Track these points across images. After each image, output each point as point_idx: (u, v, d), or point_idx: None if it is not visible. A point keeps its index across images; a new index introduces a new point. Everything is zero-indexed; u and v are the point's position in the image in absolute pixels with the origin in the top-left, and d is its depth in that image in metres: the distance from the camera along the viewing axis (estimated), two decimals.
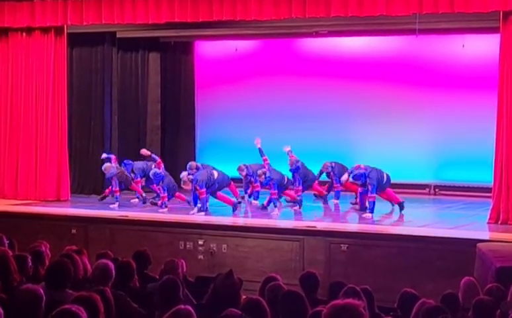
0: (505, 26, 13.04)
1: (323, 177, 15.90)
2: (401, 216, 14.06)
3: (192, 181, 14.07)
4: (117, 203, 14.82)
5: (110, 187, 15.33)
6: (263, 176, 14.38)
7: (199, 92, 19.33)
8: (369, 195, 13.75)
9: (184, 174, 14.40)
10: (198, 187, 13.90)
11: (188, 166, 14.80)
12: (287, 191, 15.04)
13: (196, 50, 19.37)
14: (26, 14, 15.66)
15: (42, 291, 5.62)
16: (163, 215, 13.92)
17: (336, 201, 15.48)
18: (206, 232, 12.71)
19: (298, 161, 15.04)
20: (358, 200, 14.60)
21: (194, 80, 19.31)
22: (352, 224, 13.34)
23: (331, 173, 15.47)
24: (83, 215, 14.07)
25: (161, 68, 18.69)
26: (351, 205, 15.12)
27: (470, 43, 16.97)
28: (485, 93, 15.98)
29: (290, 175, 15.07)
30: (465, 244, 11.09)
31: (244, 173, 15.18)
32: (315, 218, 14.16)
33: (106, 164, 15.24)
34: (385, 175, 14.14)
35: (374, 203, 13.69)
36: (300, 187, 15.15)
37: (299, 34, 17.57)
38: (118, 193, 15.01)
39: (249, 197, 15.37)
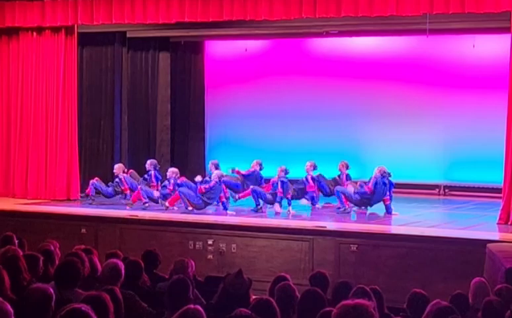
0: None
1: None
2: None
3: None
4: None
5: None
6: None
7: (209, 92, 19.34)
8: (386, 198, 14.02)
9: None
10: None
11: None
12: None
13: (206, 49, 19.37)
14: (37, 13, 15.69)
15: (51, 290, 5.63)
16: (172, 215, 13.86)
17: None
18: (216, 232, 12.70)
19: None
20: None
21: (204, 80, 19.32)
22: (362, 225, 13.31)
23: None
24: (92, 215, 14.05)
25: (171, 68, 18.69)
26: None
27: (481, 43, 16.92)
28: (495, 93, 15.98)
29: None
30: (475, 245, 11.06)
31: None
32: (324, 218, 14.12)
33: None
34: None
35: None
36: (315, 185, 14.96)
37: (310, 34, 17.54)
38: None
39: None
